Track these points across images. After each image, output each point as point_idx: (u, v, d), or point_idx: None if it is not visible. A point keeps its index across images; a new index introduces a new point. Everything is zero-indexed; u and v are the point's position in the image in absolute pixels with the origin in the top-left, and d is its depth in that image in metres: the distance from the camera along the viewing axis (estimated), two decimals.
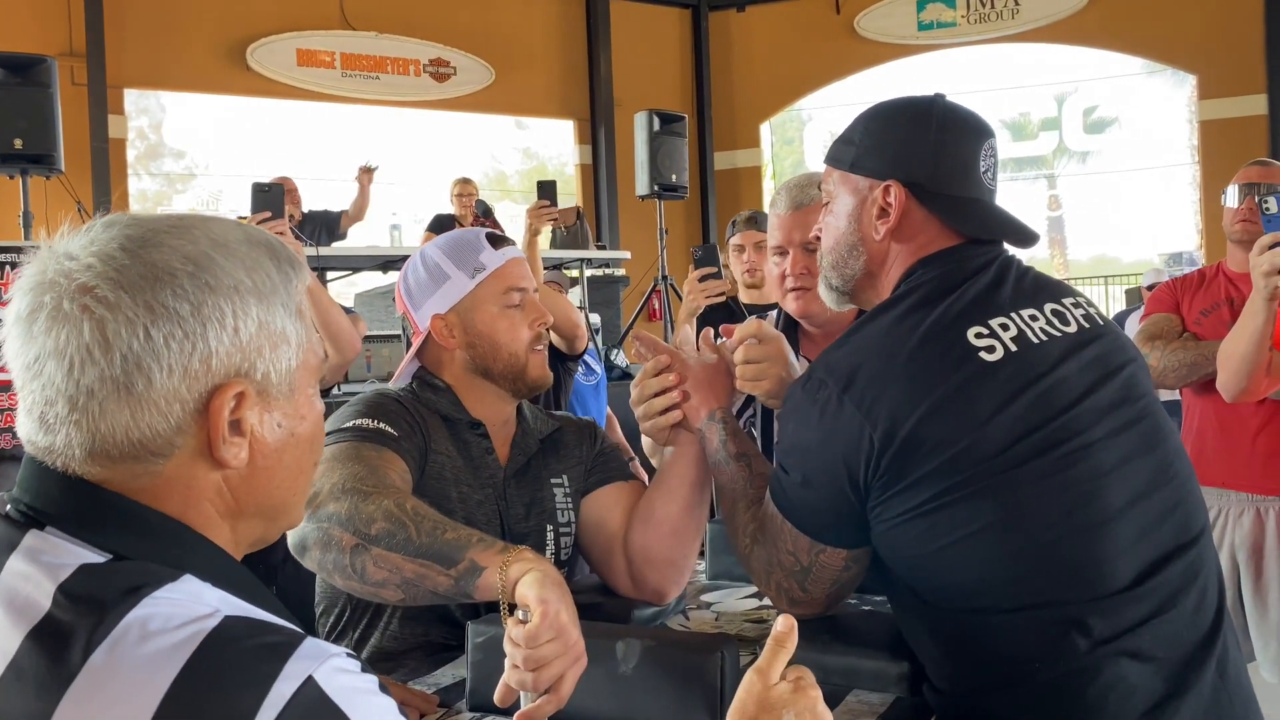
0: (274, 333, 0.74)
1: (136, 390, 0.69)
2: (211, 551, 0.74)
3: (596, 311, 5.98)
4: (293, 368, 0.76)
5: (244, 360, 0.72)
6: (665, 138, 6.02)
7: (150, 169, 9.99)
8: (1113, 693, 1.09)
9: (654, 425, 1.48)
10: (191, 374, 0.70)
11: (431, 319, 1.56)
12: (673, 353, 1.50)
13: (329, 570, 1.25)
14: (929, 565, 1.17)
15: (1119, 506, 1.14)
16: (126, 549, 0.70)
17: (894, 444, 1.12)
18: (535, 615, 1.05)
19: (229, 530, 0.76)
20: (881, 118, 1.32)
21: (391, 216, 7.67)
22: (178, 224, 0.74)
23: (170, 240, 0.72)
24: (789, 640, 0.92)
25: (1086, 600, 1.11)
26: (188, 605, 0.67)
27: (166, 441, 0.71)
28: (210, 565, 0.72)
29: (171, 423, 0.70)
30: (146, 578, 0.68)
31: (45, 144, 4.34)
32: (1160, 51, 10.55)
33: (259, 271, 0.75)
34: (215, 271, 0.72)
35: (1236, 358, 2.07)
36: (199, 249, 0.72)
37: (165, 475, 0.72)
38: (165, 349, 0.69)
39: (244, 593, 0.72)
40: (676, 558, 1.51)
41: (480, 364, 1.57)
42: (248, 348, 0.73)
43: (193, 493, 0.73)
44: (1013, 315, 1.19)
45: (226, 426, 0.72)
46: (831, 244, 1.34)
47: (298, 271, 0.79)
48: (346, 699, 0.64)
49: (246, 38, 9.41)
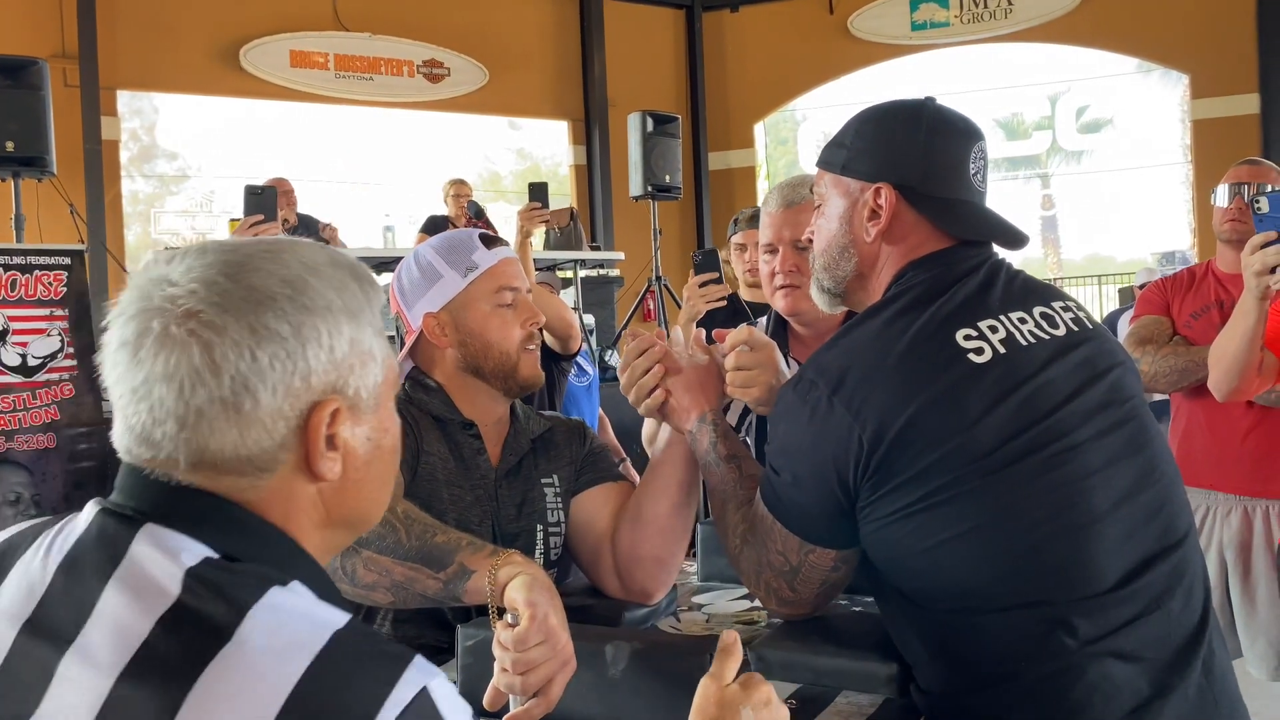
0: (363, 350, 0.78)
1: (245, 410, 0.72)
2: (311, 564, 0.77)
3: (591, 312, 5.98)
4: (379, 383, 0.79)
5: (339, 377, 0.75)
6: (659, 138, 6.03)
7: (143, 171, 9.97)
8: (1097, 692, 1.09)
9: (648, 406, 1.48)
10: (294, 392, 0.73)
11: (424, 317, 1.57)
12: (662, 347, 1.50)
13: None
14: (916, 565, 1.17)
15: (1104, 508, 1.15)
16: (238, 551, 0.72)
17: (883, 445, 1.13)
18: (524, 618, 1.05)
19: (320, 540, 0.79)
20: (872, 121, 1.33)
21: (384, 218, 7.67)
22: (270, 248, 0.77)
23: (266, 264, 0.75)
24: (735, 649, 0.96)
25: (1072, 600, 1.12)
26: (308, 607, 0.70)
27: (271, 457, 0.74)
28: (311, 576, 0.75)
29: (276, 439, 0.73)
30: (268, 576, 0.70)
31: (37, 146, 4.33)
32: (1153, 51, 10.57)
33: (347, 292, 0.78)
34: (310, 293, 0.75)
35: (1228, 357, 2.07)
36: (293, 272, 0.75)
37: (269, 489, 0.75)
38: (270, 369, 0.72)
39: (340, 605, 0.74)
40: (664, 556, 1.52)
41: (472, 363, 1.57)
42: (342, 365, 0.76)
43: (292, 505, 0.76)
44: (1001, 318, 1.20)
45: (324, 441, 0.75)
46: (824, 246, 1.35)
47: (377, 291, 0.82)
48: (452, 715, 0.68)
49: (239, 39, 9.39)
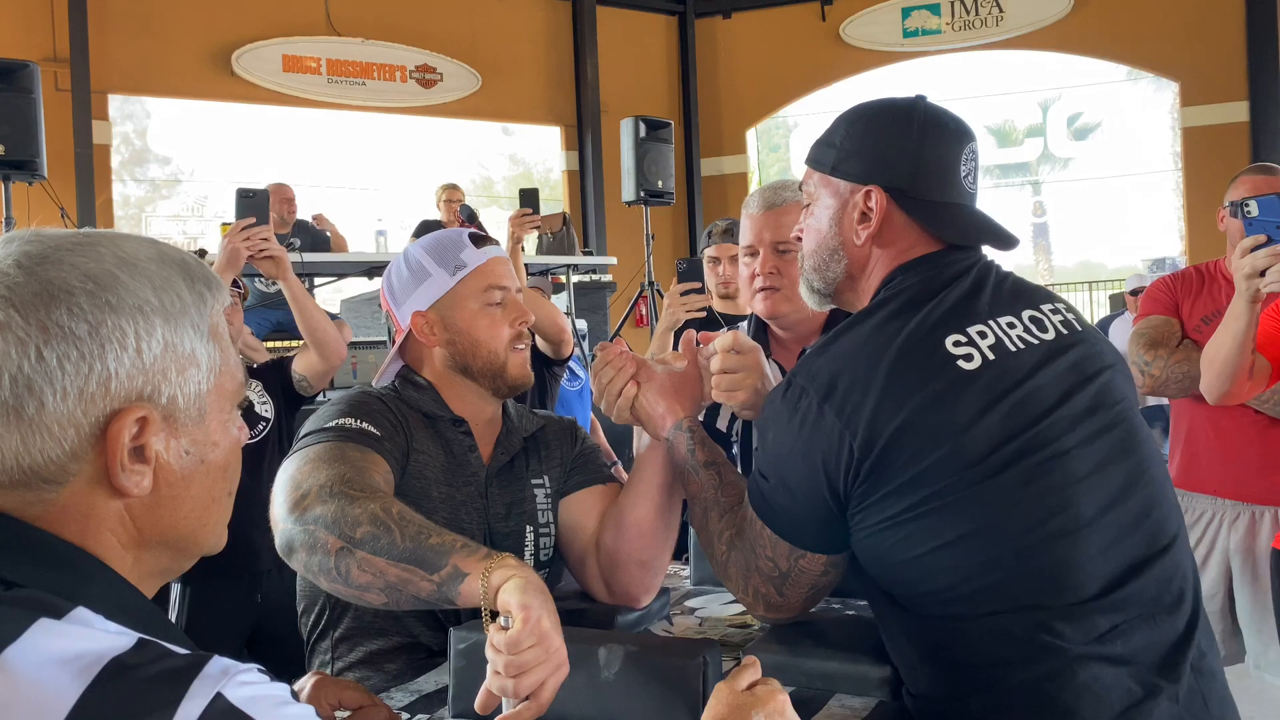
0: (181, 355, 0.71)
1: (27, 414, 0.65)
2: (111, 580, 0.69)
3: (583, 318, 5.97)
4: (203, 392, 0.73)
5: (147, 383, 0.69)
6: (651, 144, 6.02)
7: (135, 175, 9.95)
8: (1087, 694, 1.10)
9: (619, 410, 1.49)
10: (88, 397, 0.66)
11: (412, 316, 1.57)
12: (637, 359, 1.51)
13: (314, 573, 1.25)
14: (906, 572, 1.17)
15: (1092, 514, 1.15)
16: (17, 574, 0.65)
17: (873, 452, 1.13)
18: (517, 621, 1.05)
19: (131, 560, 0.72)
20: (863, 120, 1.32)
21: (377, 223, 7.65)
22: (83, 240, 0.70)
23: (71, 258, 0.68)
24: (755, 664, 0.98)
25: (1060, 606, 1.12)
26: (78, 643, 0.62)
27: (60, 468, 0.67)
28: (108, 595, 0.68)
29: (65, 448, 0.67)
30: (41, 604, 0.64)
31: (28, 149, 4.30)
32: (1143, 59, 10.62)
33: (168, 291, 0.71)
34: (118, 290, 0.68)
35: (1219, 360, 2.07)
36: (102, 267, 0.69)
37: (59, 503, 0.68)
38: (59, 370, 0.65)
39: (143, 625, 0.67)
40: (647, 560, 1.51)
41: (460, 361, 1.57)
42: (151, 370, 0.69)
43: (90, 522, 0.69)
44: (990, 323, 1.20)
45: (127, 454, 0.68)
46: (814, 247, 1.34)
47: (214, 292, 0.75)
48: (257, 708, 0.61)
49: (232, 43, 9.38)
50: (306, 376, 2.77)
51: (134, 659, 0.62)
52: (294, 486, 1.30)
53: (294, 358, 2.81)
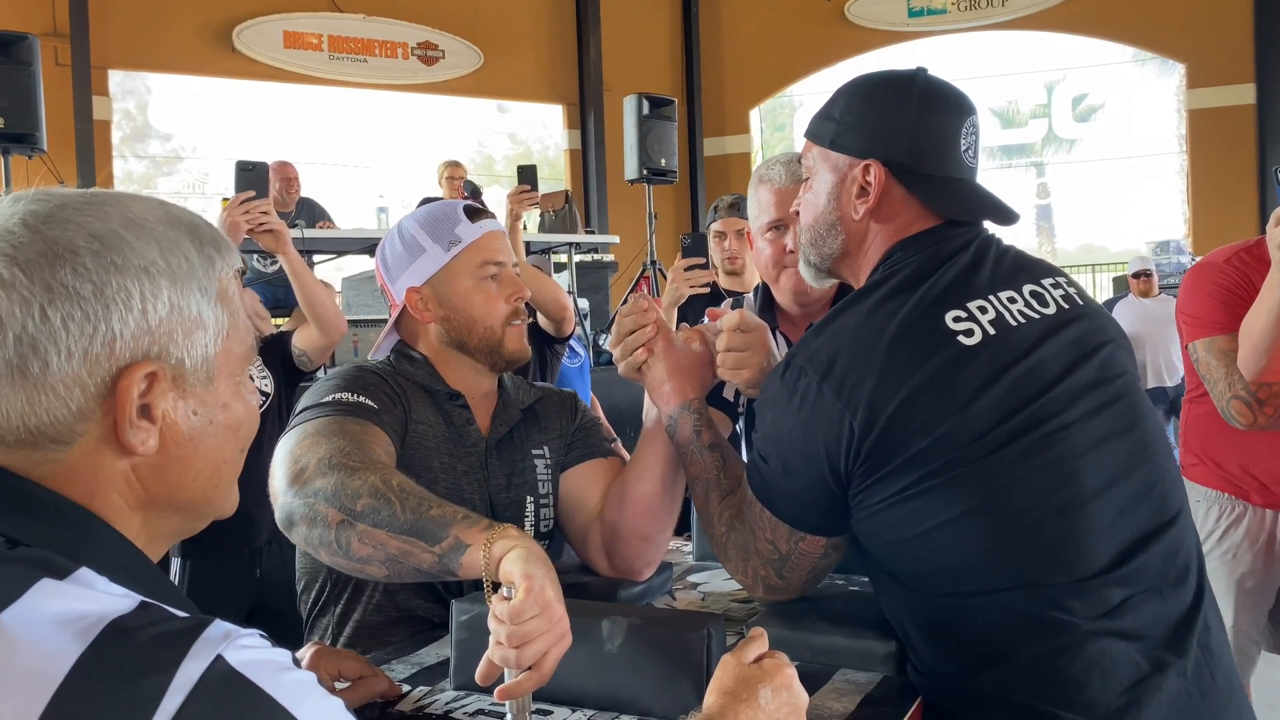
0: (188, 317, 0.70)
1: (32, 374, 0.65)
2: (116, 542, 0.69)
3: (584, 296, 5.96)
4: (210, 355, 0.72)
5: (153, 344, 0.68)
6: (655, 121, 5.99)
7: (136, 151, 9.92)
8: (1096, 670, 1.09)
9: (628, 364, 1.48)
10: (92, 358, 0.66)
11: (406, 292, 1.55)
12: (660, 321, 1.49)
13: (315, 546, 1.24)
14: (909, 550, 1.16)
15: (1096, 488, 1.14)
16: (23, 533, 0.65)
17: (874, 431, 1.12)
18: (520, 591, 1.04)
19: (139, 522, 0.72)
20: (862, 94, 1.30)
21: (378, 199, 7.63)
22: (91, 200, 0.70)
23: (78, 217, 0.68)
24: (762, 636, 0.98)
25: (1066, 582, 1.11)
26: (80, 603, 0.62)
27: (67, 428, 0.67)
28: (112, 556, 0.67)
29: (72, 409, 0.66)
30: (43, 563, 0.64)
31: (27, 122, 4.27)
32: (1149, 40, 10.57)
33: (175, 253, 0.70)
34: (124, 250, 0.68)
35: (1256, 334, 2.03)
36: (109, 227, 0.68)
37: (67, 463, 0.68)
38: (63, 330, 0.65)
39: (146, 587, 0.67)
40: (649, 535, 1.51)
41: (455, 337, 1.56)
42: (157, 331, 0.68)
43: (98, 482, 0.69)
44: (991, 298, 1.19)
45: (135, 410, 0.68)
46: (811, 221, 1.33)
47: (222, 254, 0.74)
48: (258, 672, 0.61)
49: (233, 19, 9.34)
50: (306, 351, 2.75)
51: (134, 621, 0.62)
52: (293, 460, 1.29)
53: (294, 333, 2.80)
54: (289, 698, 0.61)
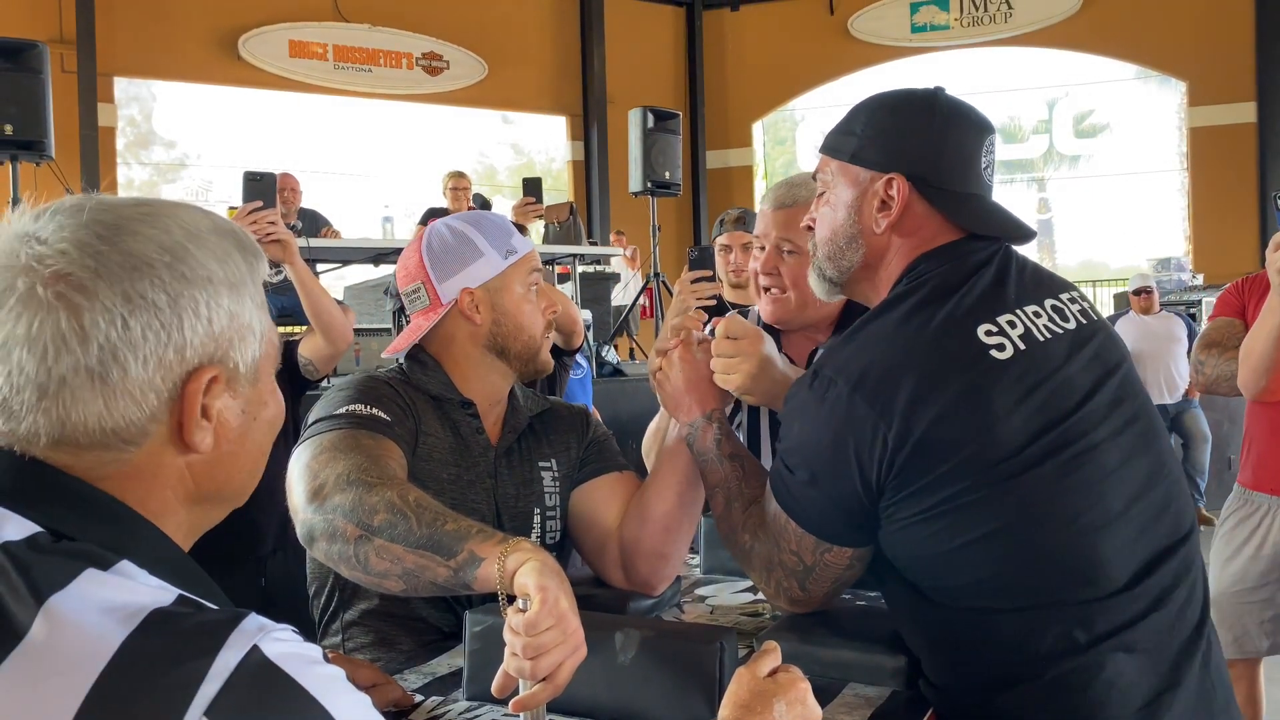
0: (243, 323, 0.75)
1: (111, 380, 0.68)
2: (157, 539, 0.73)
3: (588, 308, 5.96)
4: (258, 357, 0.77)
5: (216, 350, 0.73)
6: (659, 134, 6.01)
7: (140, 158, 9.95)
8: (1114, 689, 1.09)
9: (681, 321, 1.50)
10: (166, 365, 0.70)
11: (461, 291, 1.55)
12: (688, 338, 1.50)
13: (335, 561, 1.25)
14: (937, 565, 1.16)
15: (1119, 508, 1.14)
16: (69, 529, 0.69)
17: (908, 444, 1.11)
18: (535, 602, 1.05)
19: (185, 514, 0.76)
20: (884, 109, 1.30)
21: (383, 209, 7.65)
22: (149, 211, 0.73)
23: (144, 229, 0.71)
24: (775, 650, 0.99)
25: (1089, 599, 1.11)
26: (122, 593, 0.65)
27: (140, 430, 0.71)
28: (153, 552, 0.71)
29: (146, 411, 0.70)
30: (87, 555, 0.67)
31: (36, 130, 4.30)
32: (1151, 57, 10.61)
33: (229, 262, 0.75)
34: (190, 262, 0.72)
35: (1255, 355, 2.04)
36: (174, 239, 0.72)
37: (134, 463, 0.72)
38: (143, 340, 0.69)
39: (185, 581, 0.70)
40: (668, 551, 1.52)
41: (499, 343, 1.57)
42: (220, 338, 0.73)
43: (158, 480, 0.73)
44: (1018, 312, 1.19)
45: (199, 411, 0.72)
46: (828, 235, 1.32)
47: (260, 261, 0.79)
48: (293, 665, 0.64)
49: (238, 28, 9.37)
50: (312, 360, 2.76)
51: (174, 611, 0.65)
52: (311, 475, 1.30)
53: (299, 341, 2.80)
54: (320, 689, 0.64)
